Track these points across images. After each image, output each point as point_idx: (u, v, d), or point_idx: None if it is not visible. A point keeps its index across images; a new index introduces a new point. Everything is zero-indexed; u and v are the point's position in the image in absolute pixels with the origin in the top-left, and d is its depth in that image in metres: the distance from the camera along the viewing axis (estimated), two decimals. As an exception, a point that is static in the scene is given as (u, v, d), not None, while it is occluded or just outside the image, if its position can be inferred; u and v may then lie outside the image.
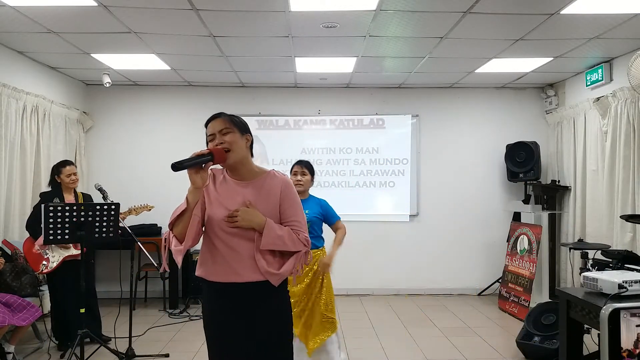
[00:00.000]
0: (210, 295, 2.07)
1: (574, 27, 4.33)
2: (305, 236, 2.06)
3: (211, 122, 2.07)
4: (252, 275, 1.98)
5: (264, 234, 1.96)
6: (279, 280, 2.02)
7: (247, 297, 1.99)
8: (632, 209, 4.82)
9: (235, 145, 2.02)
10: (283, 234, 1.99)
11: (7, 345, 3.94)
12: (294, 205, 2.09)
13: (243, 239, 1.99)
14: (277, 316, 2.06)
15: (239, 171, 2.09)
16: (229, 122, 2.05)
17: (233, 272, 1.98)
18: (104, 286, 5.94)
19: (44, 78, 5.62)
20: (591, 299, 2.70)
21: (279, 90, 6.74)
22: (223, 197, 2.05)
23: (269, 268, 1.98)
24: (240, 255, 1.98)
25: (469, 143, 6.79)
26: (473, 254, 6.75)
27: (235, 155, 2.02)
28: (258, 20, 4.17)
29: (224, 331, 2.02)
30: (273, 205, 2.06)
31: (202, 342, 4.66)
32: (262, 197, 2.05)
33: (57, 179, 4.39)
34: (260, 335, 2.01)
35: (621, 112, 5.00)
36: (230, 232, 1.99)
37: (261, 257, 1.98)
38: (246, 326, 2.00)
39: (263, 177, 2.10)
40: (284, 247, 2.00)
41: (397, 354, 4.38)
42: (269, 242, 1.96)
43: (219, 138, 2.03)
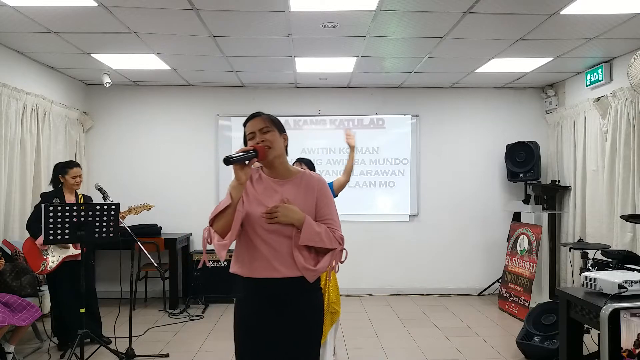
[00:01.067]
0: (246, 291, 2.09)
1: (574, 27, 4.33)
2: (340, 234, 2.10)
3: (251, 121, 2.12)
4: (289, 271, 2.01)
5: (303, 229, 1.99)
6: (314, 277, 2.05)
7: (282, 293, 2.02)
8: (632, 209, 4.83)
9: (275, 144, 2.07)
10: (321, 231, 2.03)
11: (7, 345, 3.94)
12: (330, 204, 2.14)
13: (281, 236, 2.02)
14: (310, 313, 2.09)
15: (277, 169, 2.13)
16: (268, 121, 2.10)
17: (271, 268, 2.01)
18: (104, 286, 5.95)
19: (44, 78, 5.62)
20: (591, 299, 2.70)
21: (279, 90, 6.74)
22: (260, 194, 2.09)
23: (306, 264, 2.01)
24: (277, 252, 2.02)
25: (469, 143, 6.79)
26: (473, 254, 6.75)
27: (274, 153, 2.07)
28: (258, 20, 4.17)
29: (258, 326, 2.04)
30: (310, 203, 2.10)
31: (202, 342, 4.66)
32: (300, 195, 2.09)
33: (61, 179, 4.38)
34: (293, 332, 2.04)
35: (621, 112, 5.00)
36: (269, 228, 2.02)
37: (299, 253, 2.01)
38: (280, 322, 2.03)
39: (299, 176, 2.15)
40: (322, 243, 2.03)
41: (397, 354, 4.38)
42: (307, 238, 2.00)
43: (259, 136, 2.07)
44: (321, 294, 2.19)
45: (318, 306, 2.15)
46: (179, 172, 6.66)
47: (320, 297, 2.17)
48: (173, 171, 6.66)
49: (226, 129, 6.73)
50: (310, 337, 2.10)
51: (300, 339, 2.05)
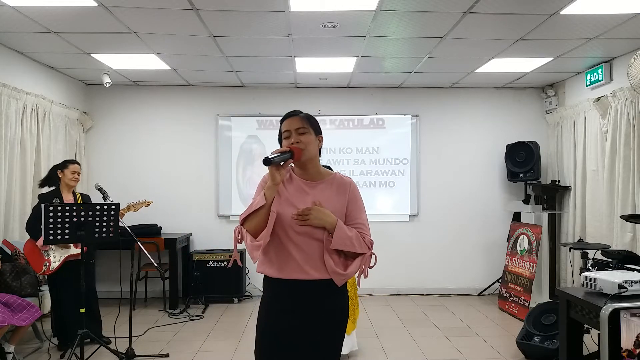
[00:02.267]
0: (274, 291, 2.08)
1: (574, 27, 4.33)
2: (370, 239, 2.09)
3: (288, 119, 2.10)
4: (319, 274, 2.00)
5: (335, 233, 1.98)
6: (343, 281, 2.04)
7: (310, 295, 2.01)
8: (632, 209, 4.82)
9: (309, 146, 2.06)
10: (352, 235, 2.02)
11: (7, 345, 3.94)
12: (360, 208, 2.13)
13: (311, 238, 2.01)
14: (335, 316, 2.08)
15: (309, 171, 2.12)
16: (305, 122, 2.08)
17: (300, 270, 2.00)
18: (104, 286, 5.95)
19: (44, 78, 5.62)
20: (591, 299, 2.70)
21: (279, 90, 6.74)
22: (292, 195, 2.07)
23: (336, 268, 2.00)
24: (307, 254, 2.00)
25: (469, 143, 6.79)
26: (473, 254, 6.75)
27: (308, 155, 2.06)
28: (258, 20, 4.17)
29: (283, 327, 2.03)
30: (340, 207, 2.08)
31: (202, 342, 4.67)
32: (331, 198, 2.08)
33: (59, 174, 4.39)
34: (317, 334, 2.03)
35: (621, 112, 5.00)
36: (299, 230, 2.01)
37: (329, 256, 2.00)
38: (303, 322, 2.02)
39: (330, 178, 2.14)
40: (352, 248, 2.01)
41: (397, 354, 4.38)
42: (339, 242, 1.98)
43: (295, 137, 2.05)
44: (347, 296, 2.17)
45: (344, 308, 2.14)
46: (179, 172, 6.66)
47: (346, 299, 2.16)
48: (173, 171, 6.66)
49: (226, 129, 6.73)
50: (334, 339, 2.09)
51: (325, 340, 2.05)
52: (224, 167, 6.69)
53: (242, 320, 5.51)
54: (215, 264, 6.19)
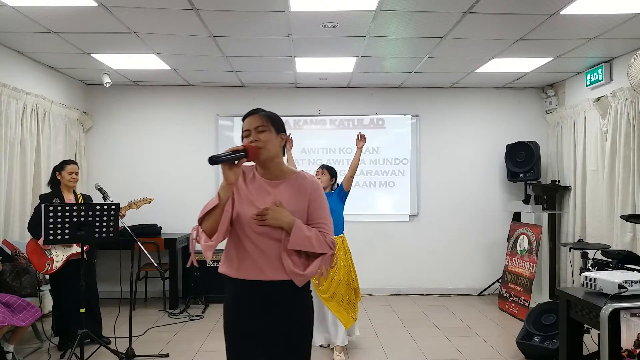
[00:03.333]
0: (234, 292, 2.07)
1: (574, 27, 4.33)
2: (331, 239, 2.06)
3: (248, 118, 2.08)
4: (277, 274, 1.98)
5: (292, 233, 1.96)
6: (303, 281, 2.02)
7: (270, 296, 2.00)
8: (632, 209, 4.82)
9: (269, 144, 2.03)
10: (311, 235, 1.99)
11: (7, 345, 3.94)
12: (322, 207, 2.10)
13: (270, 239, 1.99)
14: (297, 317, 2.06)
15: (270, 170, 2.09)
16: (266, 120, 2.05)
17: (258, 270, 1.99)
18: (104, 286, 5.93)
19: (44, 78, 5.62)
20: (591, 299, 2.70)
21: (279, 90, 6.74)
22: (253, 195, 2.05)
23: (294, 268, 1.98)
24: (266, 254, 1.99)
25: (469, 143, 6.79)
26: (473, 254, 6.75)
27: (267, 154, 2.03)
28: (258, 20, 4.17)
29: (246, 328, 2.02)
30: (302, 206, 2.06)
31: (202, 342, 4.66)
32: (292, 197, 2.06)
33: (58, 176, 4.39)
34: (281, 334, 2.02)
35: (621, 112, 5.00)
36: (258, 230, 1.99)
37: (287, 257, 1.98)
38: (266, 324, 2.01)
39: (293, 178, 2.11)
40: (311, 248, 1.99)
41: (397, 354, 4.38)
42: (296, 242, 1.96)
43: (254, 135, 2.03)
44: (311, 296, 2.14)
45: (307, 308, 2.11)
46: (179, 172, 6.66)
47: (309, 299, 2.13)
48: (173, 171, 6.66)
49: (226, 129, 6.73)
50: (299, 340, 2.07)
51: (290, 341, 2.03)
52: (224, 167, 6.67)
53: (242, 320, 5.50)
54: (215, 264, 6.18)
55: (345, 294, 4.29)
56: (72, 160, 4.54)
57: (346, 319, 4.27)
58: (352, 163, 4.47)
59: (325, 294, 4.26)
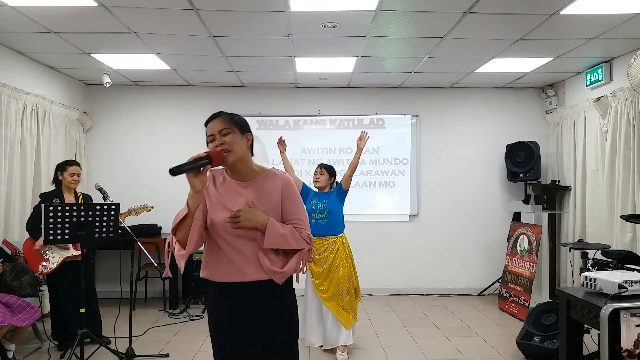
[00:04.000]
0: (216, 295, 2.07)
1: (574, 27, 4.33)
2: (307, 234, 2.05)
3: (210, 123, 2.05)
4: (257, 274, 1.98)
5: (266, 232, 1.95)
6: (282, 279, 2.01)
7: (252, 296, 2.00)
8: (632, 209, 4.82)
9: (235, 146, 2.00)
10: (286, 232, 1.99)
11: (8, 344, 3.95)
12: (295, 203, 2.08)
13: (246, 239, 1.98)
14: (281, 315, 2.06)
15: (240, 171, 2.07)
16: (228, 122, 2.02)
17: (238, 272, 1.98)
18: (104, 286, 5.95)
19: (44, 78, 5.62)
20: (591, 299, 2.70)
21: (279, 90, 6.74)
22: (224, 198, 2.04)
23: (272, 267, 1.98)
24: (244, 255, 1.98)
25: (469, 143, 6.79)
26: (473, 254, 6.75)
27: (235, 156, 2.01)
28: (258, 20, 4.17)
29: (230, 330, 2.02)
30: (275, 204, 2.05)
31: (202, 342, 4.66)
32: (264, 197, 2.04)
33: (60, 176, 4.39)
34: (265, 335, 2.01)
35: (621, 112, 5.00)
36: (234, 232, 1.98)
37: (264, 256, 1.98)
38: (251, 325, 2.01)
39: (264, 176, 2.09)
40: (287, 245, 1.99)
41: (397, 354, 4.38)
42: (271, 240, 1.96)
43: (219, 139, 2.00)
44: (293, 294, 2.14)
45: (290, 307, 2.11)
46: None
47: (291, 298, 2.12)
48: (173, 171, 6.65)
49: (226, 129, 6.71)
50: (284, 340, 2.06)
51: (274, 341, 2.03)
52: (224, 167, 6.67)
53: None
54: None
55: (346, 293, 4.28)
56: (75, 161, 4.53)
57: (347, 319, 4.26)
58: (352, 162, 4.44)
59: (324, 294, 4.26)
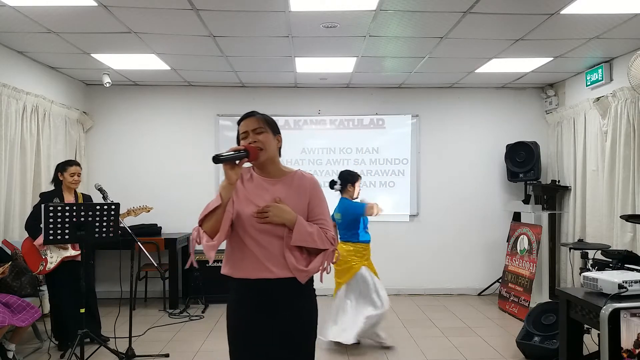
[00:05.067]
0: (238, 292, 2.08)
1: (574, 27, 4.33)
2: (332, 235, 2.07)
3: (245, 120, 2.10)
4: (281, 271, 1.99)
5: (294, 230, 1.97)
6: (306, 277, 2.03)
7: (274, 294, 2.01)
8: (632, 209, 4.82)
9: (267, 145, 2.05)
10: (313, 231, 2.01)
11: (8, 344, 3.95)
12: (321, 204, 2.12)
13: (272, 236, 2.00)
14: (302, 314, 2.07)
15: (269, 170, 2.11)
16: (262, 122, 2.08)
17: (263, 269, 1.99)
18: (104, 286, 5.95)
19: (44, 78, 5.62)
20: (591, 299, 2.70)
21: (279, 90, 6.74)
22: (251, 194, 2.07)
23: (297, 265, 1.99)
24: (269, 252, 1.99)
25: (469, 143, 6.79)
26: (473, 254, 6.74)
27: (266, 155, 2.05)
28: (258, 20, 4.17)
29: (250, 328, 2.03)
30: (302, 203, 2.07)
31: (202, 342, 4.66)
32: (292, 195, 2.07)
33: (60, 177, 4.39)
34: (284, 332, 2.02)
35: (621, 112, 5.00)
36: (260, 228, 2.00)
37: (290, 253, 1.99)
38: (271, 322, 2.01)
39: (291, 176, 2.13)
40: (313, 244, 2.01)
41: (397, 354, 4.38)
42: (299, 238, 1.97)
43: (252, 137, 2.05)
44: (314, 294, 2.15)
45: (311, 307, 2.12)
46: (179, 172, 6.66)
47: (312, 297, 2.13)
48: (173, 171, 6.66)
49: (226, 129, 6.72)
50: (304, 339, 2.07)
51: (294, 340, 2.03)
52: (224, 167, 6.68)
53: (242, 320, 5.50)
54: (215, 264, 6.17)
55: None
56: (75, 161, 4.53)
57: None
58: None
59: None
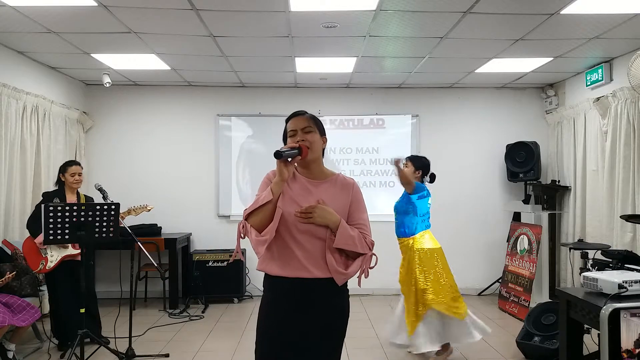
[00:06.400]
0: (272, 289, 2.09)
1: (574, 27, 4.33)
2: (371, 240, 2.11)
3: (294, 118, 2.13)
4: (320, 272, 2.02)
5: (338, 232, 1.99)
6: (344, 280, 2.06)
7: (310, 293, 2.02)
8: (632, 209, 4.82)
9: (314, 145, 2.09)
10: (354, 235, 2.04)
11: (8, 344, 3.95)
12: (361, 209, 2.15)
13: (313, 237, 2.02)
14: (335, 315, 2.10)
15: (312, 170, 2.14)
16: (312, 122, 2.12)
17: (302, 268, 2.01)
18: (104, 286, 5.95)
19: (44, 78, 5.61)
20: (591, 299, 2.70)
21: (279, 90, 6.74)
22: (295, 193, 2.08)
23: (337, 267, 2.02)
24: (309, 252, 2.02)
25: (469, 143, 6.79)
26: (473, 254, 6.74)
27: (313, 154, 2.08)
28: (258, 20, 4.17)
29: (282, 325, 2.04)
30: (343, 206, 2.10)
31: (202, 342, 4.66)
32: (335, 197, 2.09)
33: (62, 177, 4.41)
34: (317, 333, 2.04)
35: (621, 112, 5.00)
36: (302, 228, 2.01)
37: (331, 255, 2.01)
38: (305, 322, 2.03)
39: (334, 178, 2.16)
40: (354, 247, 2.03)
41: (397, 354, 4.38)
42: (342, 241, 2.00)
43: (301, 135, 2.07)
44: (348, 295, 2.17)
45: (344, 309, 2.15)
46: (179, 172, 6.66)
47: (347, 300, 2.16)
48: (173, 171, 6.66)
49: (226, 129, 6.73)
50: (333, 340, 2.09)
51: (324, 340, 2.05)
52: (224, 167, 6.69)
53: (242, 320, 5.51)
54: (215, 264, 6.19)
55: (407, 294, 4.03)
56: (75, 161, 4.55)
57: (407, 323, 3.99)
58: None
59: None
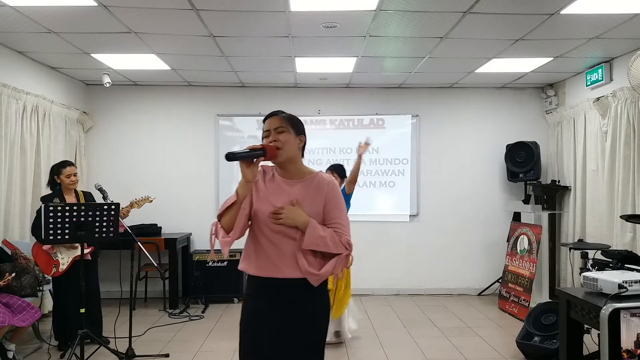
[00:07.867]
0: (251, 288, 2.11)
1: (574, 27, 4.33)
2: (347, 239, 2.08)
3: (269, 119, 2.13)
4: (293, 272, 2.01)
5: (306, 233, 1.98)
6: (318, 281, 2.04)
7: (285, 293, 2.02)
8: (632, 209, 4.82)
9: (287, 145, 2.06)
10: (325, 235, 2.02)
11: (8, 344, 3.95)
12: (338, 207, 2.12)
13: (286, 237, 2.02)
14: (313, 316, 2.08)
15: (288, 170, 2.13)
16: (285, 122, 2.10)
17: (274, 268, 2.02)
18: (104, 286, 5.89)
19: (44, 78, 5.62)
20: (591, 299, 2.71)
21: (279, 90, 6.74)
22: (271, 193, 2.09)
23: (309, 268, 2.00)
24: (282, 252, 2.02)
25: (469, 143, 6.79)
26: (473, 254, 6.75)
27: (285, 154, 2.06)
28: (258, 20, 4.17)
29: (260, 324, 2.05)
30: (318, 206, 2.09)
31: (202, 342, 4.67)
32: (309, 197, 2.08)
33: (57, 180, 4.39)
34: (294, 333, 2.03)
35: (621, 112, 5.00)
36: (274, 228, 2.02)
37: (302, 256, 2.01)
38: (281, 322, 2.03)
39: (311, 178, 2.14)
40: (326, 248, 2.02)
41: (397, 354, 4.38)
42: (311, 242, 1.99)
43: (274, 135, 2.07)
44: (327, 296, 2.16)
45: (322, 309, 2.13)
46: (179, 172, 6.66)
47: (326, 299, 2.15)
48: (173, 171, 6.66)
49: (226, 129, 6.73)
50: (312, 340, 2.08)
51: (303, 340, 2.04)
52: (224, 167, 6.68)
53: (242, 320, 5.50)
54: (215, 264, 6.19)
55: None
56: (68, 162, 4.50)
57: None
58: (353, 169, 4.47)
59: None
